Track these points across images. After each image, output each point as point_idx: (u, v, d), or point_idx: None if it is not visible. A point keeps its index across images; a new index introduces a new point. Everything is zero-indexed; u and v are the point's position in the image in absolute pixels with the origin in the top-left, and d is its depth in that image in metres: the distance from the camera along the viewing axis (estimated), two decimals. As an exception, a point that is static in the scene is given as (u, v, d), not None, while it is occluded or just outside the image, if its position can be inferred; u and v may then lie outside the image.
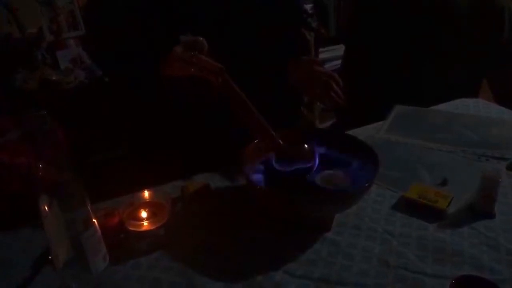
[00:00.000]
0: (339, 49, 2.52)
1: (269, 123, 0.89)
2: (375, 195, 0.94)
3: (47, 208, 0.67)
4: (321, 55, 2.75)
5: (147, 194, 0.86)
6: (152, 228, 0.79)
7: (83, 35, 2.29)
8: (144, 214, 0.82)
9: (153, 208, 0.83)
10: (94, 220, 0.72)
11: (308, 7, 2.63)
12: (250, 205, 0.89)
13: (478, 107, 1.37)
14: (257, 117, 0.88)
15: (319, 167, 0.88)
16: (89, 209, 0.71)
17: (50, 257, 0.72)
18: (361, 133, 1.15)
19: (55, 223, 0.68)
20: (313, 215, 0.85)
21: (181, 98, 1.05)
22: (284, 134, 0.91)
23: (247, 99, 0.87)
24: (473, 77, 1.50)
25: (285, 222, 0.86)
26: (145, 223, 0.80)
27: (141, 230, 0.79)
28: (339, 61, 1.89)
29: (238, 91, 0.87)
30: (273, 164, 0.90)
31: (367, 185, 0.83)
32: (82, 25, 2.29)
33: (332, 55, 2.72)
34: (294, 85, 1.11)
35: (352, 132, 1.13)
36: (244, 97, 0.87)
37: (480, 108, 1.37)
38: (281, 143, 0.90)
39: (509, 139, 1.15)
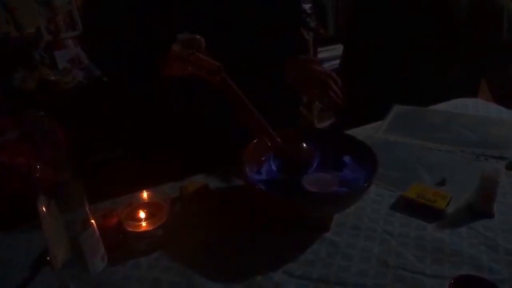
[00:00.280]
0: (338, 49, 2.53)
1: (268, 123, 0.89)
2: (374, 195, 0.94)
3: (45, 208, 0.67)
4: (319, 55, 2.75)
5: (145, 194, 0.86)
6: (150, 228, 0.79)
7: (80, 35, 2.28)
8: (142, 214, 0.82)
9: (152, 208, 0.83)
10: (92, 220, 0.72)
11: (306, 6, 2.63)
12: (249, 205, 0.89)
13: (477, 107, 1.37)
14: (255, 116, 0.88)
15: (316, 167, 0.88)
16: (88, 209, 0.71)
17: (48, 257, 0.72)
18: (360, 133, 1.15)
19: (54, 223, 0.68)
20: (312, 215, 0.85)
21: (180, 97, 1.05)
22: (283, 133, 0.91)
23: (245, 98, 0.87)
24: (472, 77, 1.50)
25: (284, 222, 0.85)
26: (144, 224, 0.80)
27: (139, 230, 0.79)
28: (337, 61, 1.88)
29: (236, 89, 0.86)
30: (272, 163, 0.91)
31: (366, 185, 0.83)
32: (80, 25, 2.28)
33: (330, 54, 2.72)
34: (292, 84, 1.10)
35: (351, 132, 1.13)
36: (242, 96, 0.87)
37: (479, 107, 1.37)
38: (280, 142, 0.90)
39: (508, 139, 1.15)
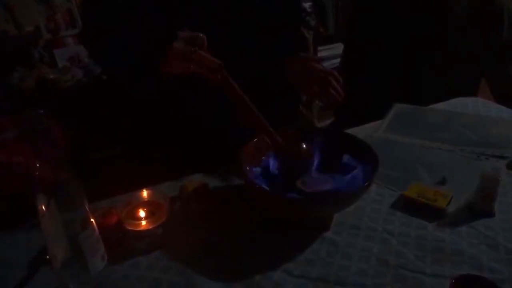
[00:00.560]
0: (338, 48, 2.53)
1: (267, 122, 0.89)
2: (374, 195, 0.94)
3: (44, 207, 0.66)
4: (319, 54, 2.76)
5: (145, 193, 0.86)
6: (150, 227, 0.79)
7: (80, 33, 2.28)
8: (142, 213, 0.81)
9: (151, 207, 0.83)
10: (92, 219, 0.72)
11: (307, 5, 2.63)
12: (248, 204, 0.89)
13: (477, 106, 1.37)
14: (256, 114, 0.88)
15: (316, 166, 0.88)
16: (87, 208, 0.71)
17: (47, 257, 0.72)
18: (359, 132, 1.15)
19: (53, 222, 0.68)
20: (312, 215, 0.85)
21: (180, 95, 1.05)
22: (282, 132, 0.91)
23: (245, 96, 0.87)
24: (472, 77, 1.50)
25: (284, 221, 0.85)
26: (143, 223, 0.79)
27: (139, 229, 0.79)
28: (337, 60, 1.88)
29: (237, 88, 0.86)
30: (272, 162, 0.91)
31: (366, 184, 0.83)
32: (79, 23, 2.28)
33: (330, 53, 2.73)
34: (291, 83, 1.10)
35: (351, 131, 1.13)
36: (242, 94, 0.87)
37: (479, 107, 1.37)
38: (280, 140, 0.89)
39: (508, 138, 1.14)
